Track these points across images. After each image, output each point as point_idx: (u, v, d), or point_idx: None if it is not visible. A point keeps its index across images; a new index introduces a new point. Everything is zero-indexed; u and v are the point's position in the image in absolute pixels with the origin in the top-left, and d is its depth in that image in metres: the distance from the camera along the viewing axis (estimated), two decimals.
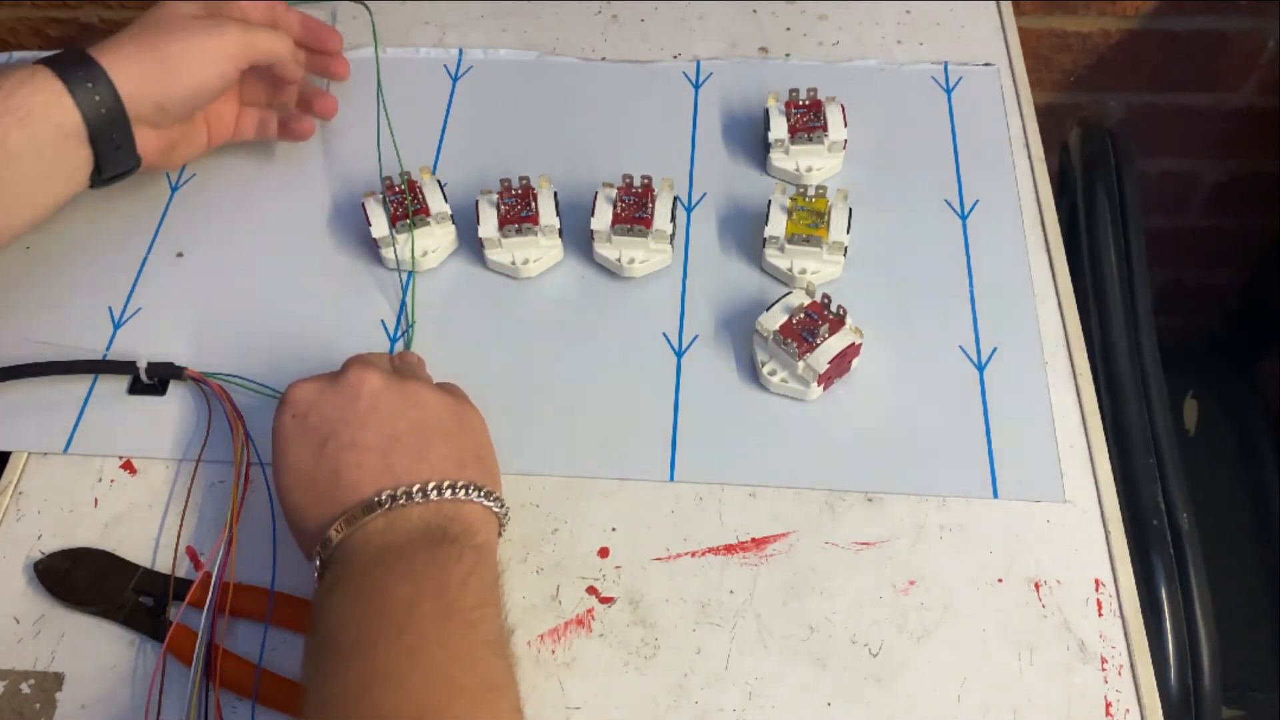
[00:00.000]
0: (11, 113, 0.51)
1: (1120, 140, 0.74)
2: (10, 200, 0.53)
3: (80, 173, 0.55)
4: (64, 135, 0.53)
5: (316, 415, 0.46)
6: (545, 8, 0.75)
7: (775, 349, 0.55)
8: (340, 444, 0.45)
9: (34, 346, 0.58)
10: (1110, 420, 0.61)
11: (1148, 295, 0.70)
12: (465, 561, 0.42)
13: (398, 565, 0.42)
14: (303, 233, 0.63)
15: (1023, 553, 0.50)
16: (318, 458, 0.45)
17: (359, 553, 0.43)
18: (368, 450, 0.45)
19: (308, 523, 0.45)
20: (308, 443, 0.46)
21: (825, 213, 0.58)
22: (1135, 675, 0.47)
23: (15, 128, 0.51)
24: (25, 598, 0.50)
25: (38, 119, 0.51)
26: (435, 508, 0.44)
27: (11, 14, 0.99)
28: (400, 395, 0.47)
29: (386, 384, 0.47)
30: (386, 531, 0.43)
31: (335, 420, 0.46)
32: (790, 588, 0.49)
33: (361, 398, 0.46)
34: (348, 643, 0.40)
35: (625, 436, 0.54)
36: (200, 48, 0.56)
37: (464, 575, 0.42)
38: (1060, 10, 0.93)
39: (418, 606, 0.40)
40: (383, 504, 0.43)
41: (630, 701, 0.47)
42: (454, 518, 0.44)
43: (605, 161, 0.65)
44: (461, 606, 0.41)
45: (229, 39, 0.56)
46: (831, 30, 0.73)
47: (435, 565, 0.42)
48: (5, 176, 0.51)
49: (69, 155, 0.54)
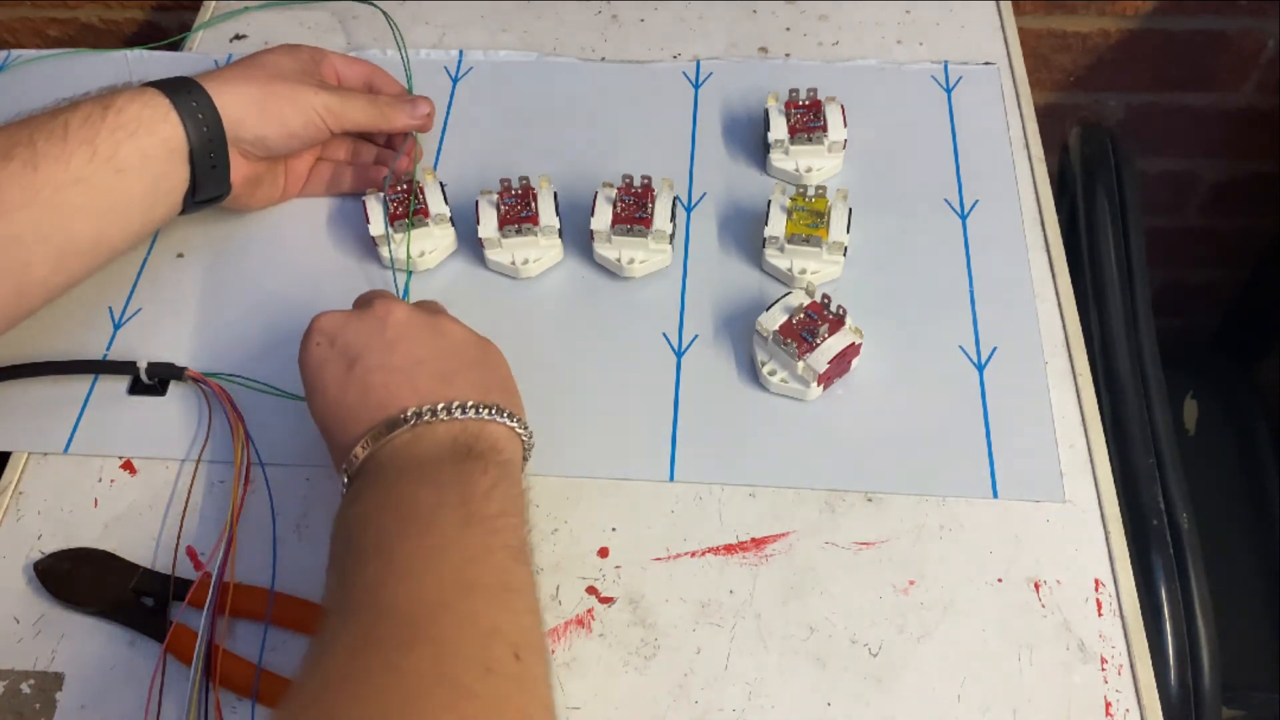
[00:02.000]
0: (123, 126, 0.52)
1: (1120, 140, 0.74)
2: (120, 211, 0.54)
3: (178, 191, 0.56)
4: (169, 150, 0.54)
5: (343, 341, 0.47)
6: (545, 8, 0.75)
7: (775, 349, 0.55)
8: (368, 366, 0.46)
9: (34, 346, 0.58)
10: (1110, 420, 0.61)
11: (1148, 295, 0.70)
12: (490, 474, 0.43)
13: (423, 475, 0.43)
14: (303, 232, 0.63)
15: (1023, 553, 0.50)
16: (345, 380, 0.46)
17: (385, 465, 0.44)
18: (395, 371, 0.46)
19: (338, 442, 0.46)
20: (335, 367, 0.47)
21: (825, 213, 0.58)
22: (1135, 675, 0.47)
23: (126, 141, 0.52)
24: (25, 598, 0.50)
25: (146, 133, 0.53)
26: (461, 426, 0.45)
27: (11, 14, 0.99)
28: (426, 325, 0.48)
29: (411, 314, 0.48)
30: (413, 445, 0.44)
31: (362, 345, 0.47)
32: (790, 588, 0.49)
33: (388, 326, 0.48)
34: (369, 543, 0.40)
35: (625, 436, 0.54)
36: (300, 99, 0.58)
37: (488, 487, 0.43)
38: (1060, 10, 0.93)
39: (440, 512, 0.41)
40: (409, 420, 0.44)
41: (630, 701, 0.47)
42: (480, 435, 0.45)
43: (605, 161, 0.65)
44: (484, 514, 0.42)
45: (324, 101, 0.58)
46: (831, 30, 0.73)
47: (460, 476, 0.43)
48: (117, 187, 0.53)
49: (171, 171, 0.55)
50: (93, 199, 0.52)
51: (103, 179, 0.52)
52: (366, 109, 0.61)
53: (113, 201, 0.53)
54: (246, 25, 0.75)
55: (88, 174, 0.51)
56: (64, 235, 0.52)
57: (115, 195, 0.53)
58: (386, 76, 0.65)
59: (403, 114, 0.62)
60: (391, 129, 0.62)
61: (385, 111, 0.61)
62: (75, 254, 0.54)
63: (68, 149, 0.51)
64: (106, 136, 0.52)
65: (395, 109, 0.62)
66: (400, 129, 0.62)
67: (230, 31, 0.75)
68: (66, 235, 0.52)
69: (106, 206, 0.53)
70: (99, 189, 0.52)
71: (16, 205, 0.50)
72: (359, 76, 0.64)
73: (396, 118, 0.62)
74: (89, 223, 0.53)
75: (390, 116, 0.62)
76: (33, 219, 0.50)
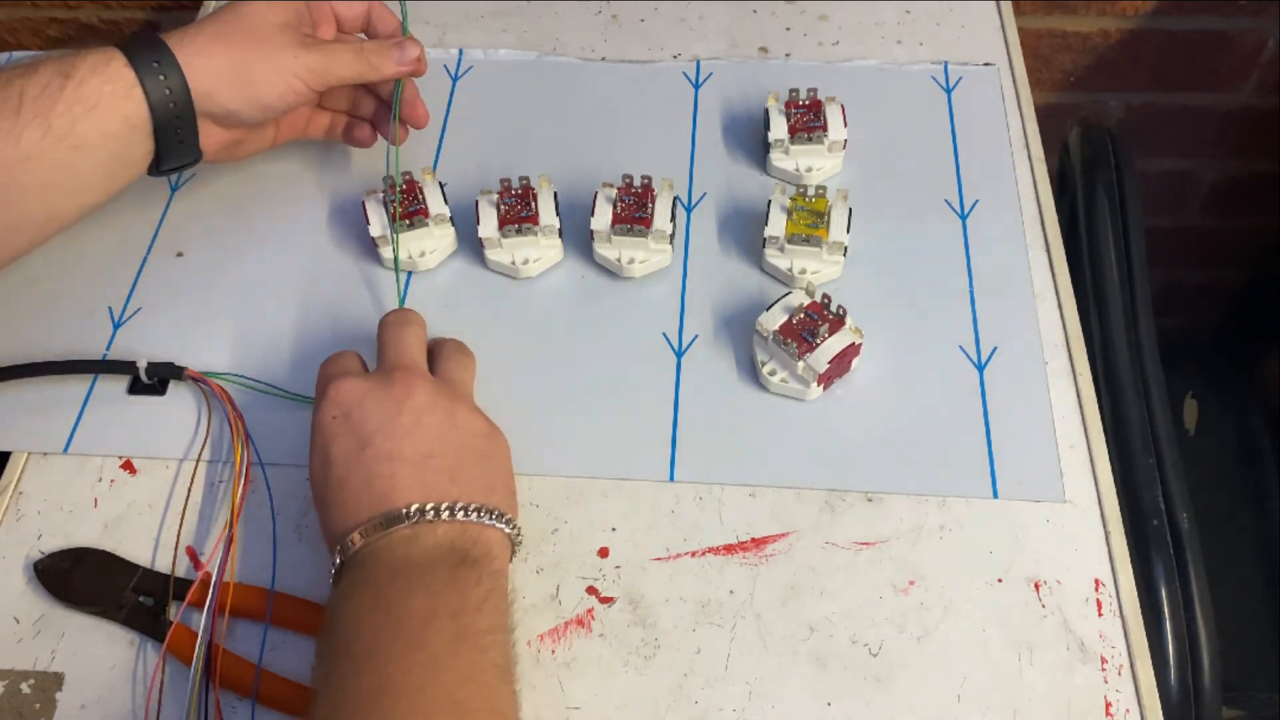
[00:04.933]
0: (81, 101, 0.50)
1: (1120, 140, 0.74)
2: (74, 188, 0.52)
3: (141, 163, 0.54)
4: (130, 127, 0.52)
5: (358, 417, 0.46)
6: (545, 8, 0.75)
7: (775, 349, 0.55)
8: (378, 452, 0.45)
9: (34, 346, 0.58)
10: (1110, 420, 0.61)
11: (1148, 295, 0.70)
12: (483, 586, 0.43)
13: (418, 580, 0.42)
14: (303, 232, 0.63)
15: (1023, 553, 0.50)
16: (353, 460, 0.45)
17: (381, 561, 0.43)
18: (403, 463, 0.45)
19: (334, 521, 0.45)
20: (346, 444, 0.46)
21: (825, 213, 0.58)
22: (1135, 675, 0.47)
23: (83, 117, 0.50)
24: (25, 598, 0.50)
25: (106, 109, 0.51)
26: (460, 528, 0.44)
27: (11, 14, 0.99)
28: (443, 415, 0.47)
29: (432, 401, 0.47)
30: (410, 543, 0.43)
31: (375, 428, 0.46)
32: (790, 588, 0.49)
33: (405, 411, 0.46)
34: (361, 650, 0.40)
35: (625, 436, 0.54)
36: (278, 66, 0.54)
37: (480, 599, 0.42)
38: (1060, 10, 0.93)
39: (434, 624, 0.41)
40: (411, 517, 0.43)
41: (630, 701, 0.47)
42: (476, 540, 0.45)
43: (605, 161, 0.65)
44: (475, 630, 0.41)
45: (305, 62, 0.55)
46: (831, 30, 0.73)
47: (455, 585, 0.42)
48: (71, 163, 0.51)
49: (133, 146, 0.53)
50: (44, 176, 0.50)
51: (56, 156, 0.50)
52: (352, 62, 0.57)
53: (67, 178, 0.51)
54: None
55: (40, 150, 0.49)
56: (12, 212, 0.51)
57: (70, 172, 0.51)
58: (387, 14, 0.61)
59: (390, 60, 0.58)
60: (381, 78, 0.58)
61: (372, 61, 0.57)
62: (24, 229, 0.52)
63: (19, 123, 0.49)
64: (63, 111, 0.49)
65: (382, 56, 0.58)
66: (391, 76, 0.58)
67: None
68: (15, 212, 0.51)
69: (59, 183, 0.51)
70: (52, 166, 0.50)
71: None
72: (357, 17, 0.60)
73: (384, 65, 0.58)
74: (39, 199, 0.51)
75: (378, 65, 0.57)
76: None
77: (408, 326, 0.52)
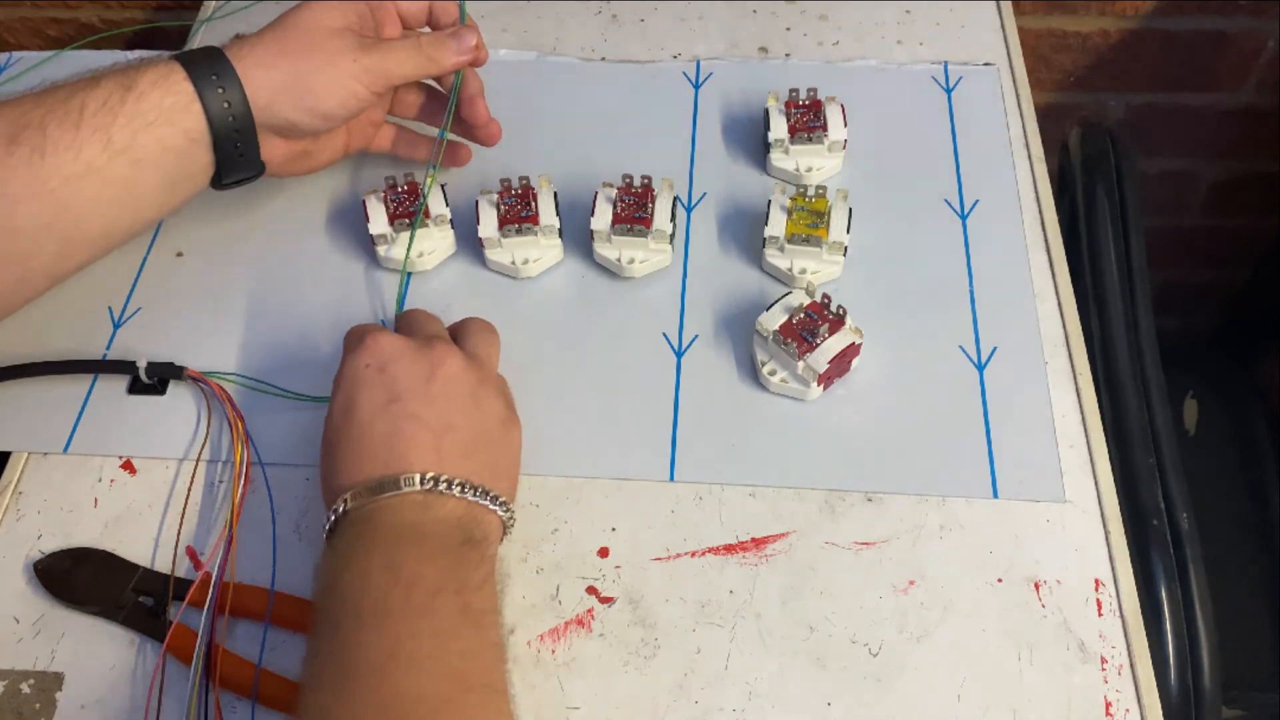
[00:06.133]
0: (141, 115, 0.50)
1: (1120, 140, 0.74)
2: (133, 202, 0.52)
3: (201, 177, 0.54)
4: (190, 141, 0.52)
5: (392, 373, 0.47)
6: (545, 8, 0.75)
7: (775, 349, 0.55)
8: (404, 410, 0.46)
9: (34, 346, 0.58)
10: (1110, 420, 0.61)
11: (1148, 295, 0.70)
12: (483, 568, 0.44)
13: (428, 550, 0.43)
14: (303, 232, 0.63)
15: (1023, 553, 0.50)
16: (380, 412, 0.46)
17: (389, 522, 0.43)
18: (425, 428, 0.45)
19: (343, 471, 0.45)
20: (375, 395, 0.46)
21: (825, 213, 0.58)
22: (1135, 675, 0.47)
23: (143, 131, 0.50)
24: (25, 598, 0.50)
25: (166, 123, 0.50)
26: (467, 507, 0.45)
27: (11, 14, 0.99)
28: (469, 391, 0.48)
29: (463, 375, 0.48)
30: (422, 510, 0.44)
31: (406, 386, 0.46)
32: (790, 588, 0.49)
33: (436, 378, 0.47)
34: (369, 610, 0.40)
35: (625, 436, 0.54)
36: (335, 71, 0.53)
37: (481, 580, 0.43)
38: (1060, 10, 0.93)
39: (441, 595, 0.41)
40: (425, 484, 0.44)
41: (630, 701, 0.47)
42: (479, 522, 0.45)
43: (605, 161, 0.65)
44: (477, 608, 0.42)
45: (364, 65, 0.54)
46: (831, 30, 0.73)
47: (460, 562, 0.43)
48: (130, 178, 0.51)
49: (193, 160, 0.53)
50: (104, 190, 0.50)
51: (117, 170, 0.50)
52: (411, 57, 0.56)
53: (126, 193, 0.51)
54: (247, 24, 0.75)
55: (101, 164, 0.49)
56: (71, 227, 0.50)
57: (129, 187, 0.51)
58: (449, 5, 0.59)
59: (449, 52, 0.56)
60: (441, 71, 0.57)
61: (430, 54, 0.56)
62: (82, 243, 0.52)
63: (80, 136, 0.49)
64: (124, 125, 0.49)
65: (440, 48, 0.56)
66: (452, 68, 0.57)
67: (231, 31, 0.74)
68: (74, 226, 0.51)
69: (119, 197, 0.51)
70: (112, 181, 0.50)
71: (21, 196, 0.48)
72: (420, 12, 0.59)
73: (443, 57, 0.56)
74: (99, 214, 0.51)
75: (437, 58, 0.56)
76: (38, 211, 0.49)
77: (426, 314, 0.53)
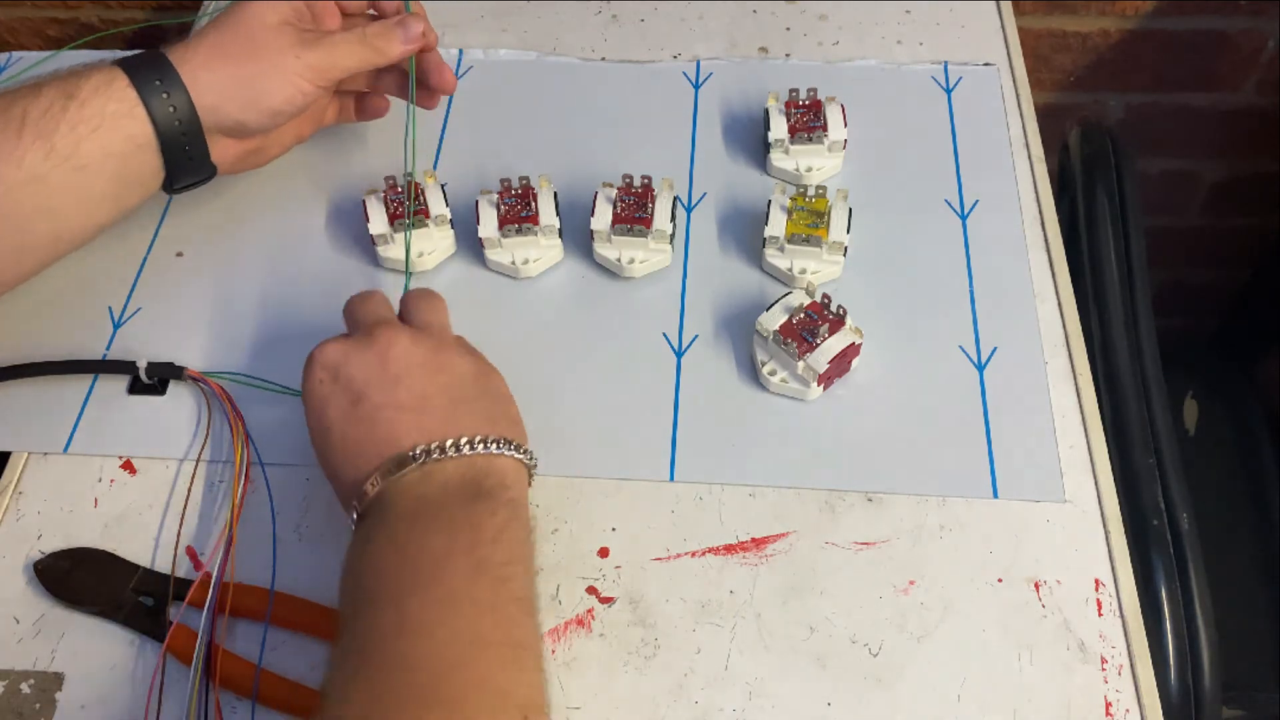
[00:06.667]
0: (85, 121, 0.50)
1: (1120, 140, 0.74)
2: (82, 208, 0.52)
3: (151, 181, 0.54)
4: (136, 146, 0.52)
5: (346, 375, 0.47)
6: (545, 8, 0.75)
7: (775, 349, 0.55)
8: (373, 404, 0.46)
9: (34, 346, 0.58)
10: (1110, 420, 0.61)
11: (1148, 295, 0.70)
12: (499, 517, 0.43)
13: (432, 518, 0.43)
14: (303, 232, 0.63)
15: (1023, 553, 0.50)
16: (351, 416, 0.46)
17: (394, 505, 0.43)
18: (400, 409, 0.45)
19: (344, 479, 0.45)
20: (339, 402, 0.46)
21: (825, 213, 0.58)
22: (1135, 675, 0.47)
23: (87, 137, 0.50)
24: (25, 598, 0.50)
25: (109, 129, 0.50)
26: (469, 462, 0.44)
27: (11, 14, 0.99)
28: (429, 360, 0.47)
29: (413, 348, 0.47)
30: (422, 483, 0.44)
31: (365, 381, 0.46)
32: (790, 588, 0.49)
33: (389, 362, 0.46)
34: (380, 591, 0.41)
35: (625, 436, 0.54)
36: (279, 70, 0.53)
37: (497, 531, 0.43)
38: (1060, 10, 0.93)
39: (450, 560, 0.41)
40: (417, 458, 0.44)
41: (630, 701, 0.47)
42: (488, 471, 0.45)
43: (605, 161, 0.65)
44: (493, 562, 0.42)
45: (307, 61, 0.54)
46: (831, 30, 0.73)
47: (470, 519, 0.43)
48: (77, 184, 0.51)
49: (140, 165, 0.53)
50: (50, 198, 0.50)
51: (61, 177, 0.50)
52: (357, 50, 0.55)
53: (72, 199, 0.51)
54: None
55: (44, 172, 0.49)
56: (18, 235, 0.50)
57: (75, 193, 0.51)
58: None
59: (395, 42, 0.56)
60: (389, 61, 0.57)
61: (377, 45, 0.56)
62: (31, 250, 0.52)
63: (22, 145, 0.49)
64: (66, 132, 0.49)
65: (387, 39, 0.56)
66: (399, 57, 0.57)
67: None
68: (21, 234, 0.51)
69: (65, 204, 0.51)
70: (57, 187, 0.50)
71: None
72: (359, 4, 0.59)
73: (390, 47, 0.56)
74: (45, 221, 0.51)
75: (384, 49, 0.56)
76: None
77: (369, 296, 0.52)
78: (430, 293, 0.52)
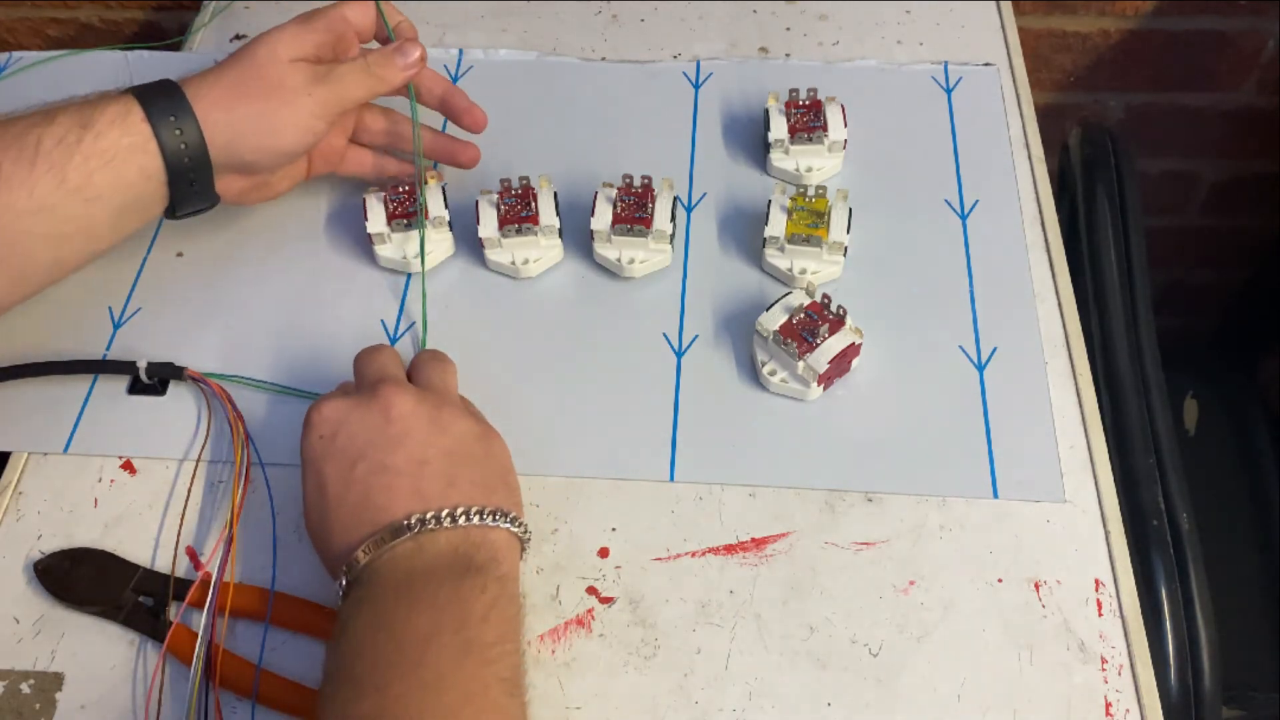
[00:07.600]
0: (99, 155, 0.50)
1: (1120, 140, 0.74)
2: (85, 236, 0.53)
3: (155, 209, 0.54)
4: (145, 178, 0.52)
5: (345, 436, 0.46)
6: (545, 8, 0.75)
7: (775, 349, 0.55)
8: (371, 466, 0.45)
9: (34, 346, 0.58)
10: (1110, 420, 0.61)
11: (1148, 295, 0.70)
12: (489, 594, 0.42)
13: (421, 595, 0.42)
14: (303, 232, 0.63)
15: (1023, 553, 0.50)
16: (347, 479, 0.45)
17: (384, 576, 0.43)
18: (398, 474, 0.45)
19: (334, 543, 0.45)
20: (337, 464, 0.46)
21: (825, 213, 0.58)
22: (1135, 675, 0.47)
23: (100, 169, 0.50)
24: (25, 598, 0.50)
25: (122, 162, 0.51)
26: (463, 534, 0.44)
27: (11, 14, 0.99)
28: (431, 421, 0.47)
29: (417, 408, 0.47)
30: (414, 555, 0.43)
31: (365, 443, 0.46)
32: (790, 588, 0.49)
33: (392, 421, 0.46)
34: (364, 671, 0.40)
35: (625, 436, 0.54)
36: (292, 110, 0.54)
37: (486, 609, 0.42)
38: (1060, 10, 0.93)
39: (437, 640, 0.40)
40: (412, 528, 0.43)
41: (630, 701, 0.47)
42: (480, 544, 0.44)
43: (605, 161, 0.65)
44: (481, 642, 0.41)
45: (318, 97, 0.54)
46: (831, 30, 0.73)
47: (459, 597, 0.42)
48: (86, 214, 0.51)
49: (146, 195, 0.53)
50: (57, 226, 0.50)
51: (70, 208, 0.50)
52: (361, 80, 0.56)
53: (78, 228, 0.52)
54: (247, 24, 0.75)
55: (54, 202, 0.49)
56: (21, 259, 0.51)
57: (82, 223, 0.51)
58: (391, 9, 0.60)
59: (396, 69, 0.57)
60: (393, 88, 0.57)
61: (378, 73, 0.56)
62: (32, 275, 0.53)
63: (34, 174, 0.49)
64: (79, 165, 0.50)
65: (387, 67, 0.56)
66: (402, 83, 0.58)
67: (230, 31, 0.75)
68: (24, 259, 0.51)
69: (71, 232, 0.51)
70: (65, 217, 0.50)
71: None
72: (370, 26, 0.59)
73: (392, 75, 0.57)
74: (50, 248, 0.52)
75: (386, 77, 0.57)
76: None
77: (379, 350, 0.52)
78: (440, 355, 0.52)
